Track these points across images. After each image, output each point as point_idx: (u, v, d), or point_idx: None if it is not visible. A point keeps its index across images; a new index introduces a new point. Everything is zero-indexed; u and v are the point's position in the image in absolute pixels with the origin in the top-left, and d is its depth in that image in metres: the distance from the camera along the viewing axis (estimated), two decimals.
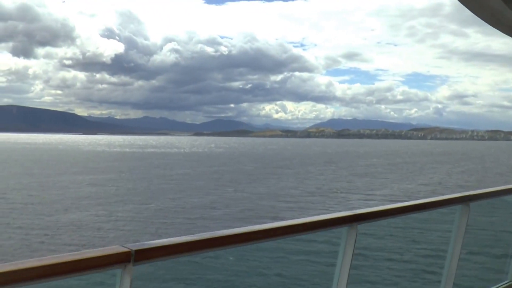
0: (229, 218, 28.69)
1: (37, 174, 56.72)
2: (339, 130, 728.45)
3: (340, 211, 3.36)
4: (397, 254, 5.91)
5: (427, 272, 5.50)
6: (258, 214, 29.91)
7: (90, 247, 20.57)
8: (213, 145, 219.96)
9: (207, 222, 27.16)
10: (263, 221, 27.78)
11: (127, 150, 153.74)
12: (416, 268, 6.05)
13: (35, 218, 27.87)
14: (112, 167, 72.04)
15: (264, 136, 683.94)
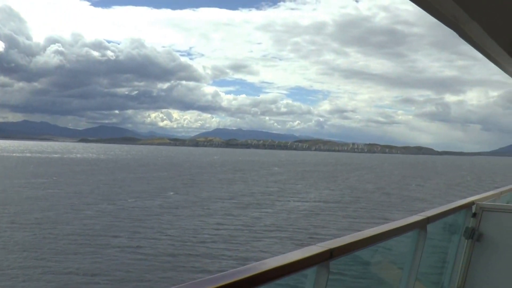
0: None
1: None
2: (227, 140, 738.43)
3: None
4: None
5: None
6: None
7: None
8: (113, 152, 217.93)
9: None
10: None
11: (38, 155, 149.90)
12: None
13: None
14: (33, 172, 72.40)
15: (152, 144, 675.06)
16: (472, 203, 4.99)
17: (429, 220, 3.65)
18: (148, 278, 18.36)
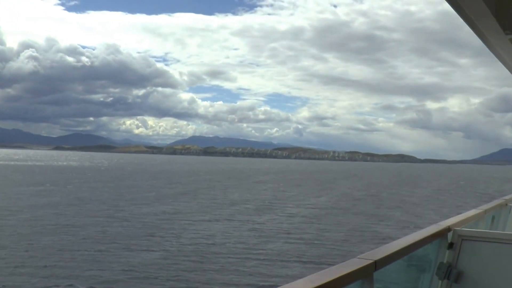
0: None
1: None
2: (205, 147, 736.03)
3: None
4: None
5: None
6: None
7: None
8: (95, 160, 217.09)
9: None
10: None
11: (22, 163, 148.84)
12: None
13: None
14: (27, 180, 72.21)
15: (129, 152, 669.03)
16: (448, 229, 3.84)
17: (376, 265, 2.59)
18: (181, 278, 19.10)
